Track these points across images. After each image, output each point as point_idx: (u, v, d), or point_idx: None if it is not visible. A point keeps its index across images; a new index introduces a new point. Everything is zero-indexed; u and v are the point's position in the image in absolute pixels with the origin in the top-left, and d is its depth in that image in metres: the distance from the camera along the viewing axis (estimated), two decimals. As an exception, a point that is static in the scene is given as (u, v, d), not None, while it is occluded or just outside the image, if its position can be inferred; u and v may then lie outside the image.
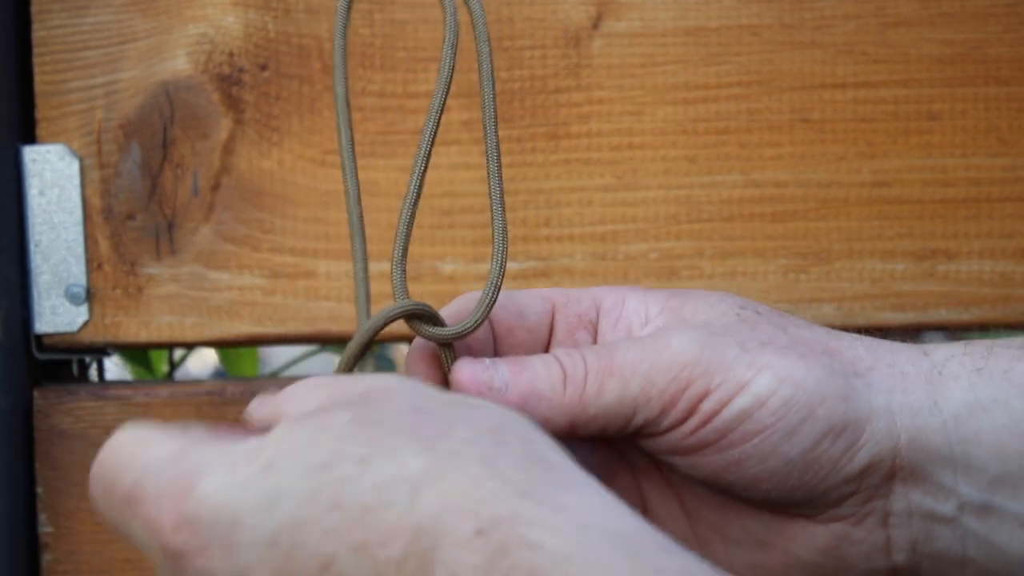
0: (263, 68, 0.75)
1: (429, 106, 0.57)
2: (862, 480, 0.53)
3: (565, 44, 0.75)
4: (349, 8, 0.57)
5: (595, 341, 0.57)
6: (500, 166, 0.57)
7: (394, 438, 0.43)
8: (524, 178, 0.75)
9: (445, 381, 0.55)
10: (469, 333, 0.54)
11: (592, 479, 0.43)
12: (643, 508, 0.56)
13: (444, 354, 0.55)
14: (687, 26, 0.74)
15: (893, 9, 0.74)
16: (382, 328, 0.53)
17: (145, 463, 0.46)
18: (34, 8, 0.75)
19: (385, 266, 0.76)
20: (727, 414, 0.52)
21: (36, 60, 0.75)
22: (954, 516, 0.53)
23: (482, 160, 0.75)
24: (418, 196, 0.56)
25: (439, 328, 0.54)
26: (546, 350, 0.57)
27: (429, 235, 0.75)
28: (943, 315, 0.76)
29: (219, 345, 0.79)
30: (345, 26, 0.57)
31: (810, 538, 0.54)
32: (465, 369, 0.53)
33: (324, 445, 0.44)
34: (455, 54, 0.56)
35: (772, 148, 0.75)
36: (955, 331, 0.91)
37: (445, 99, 0.56)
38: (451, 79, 0.56)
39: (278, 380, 0.79)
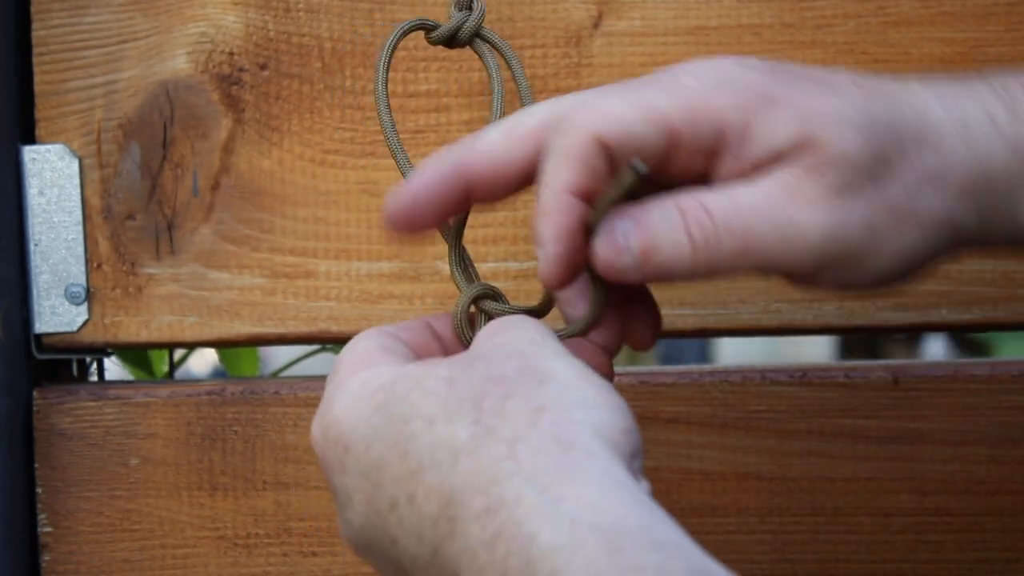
0: (263, 68, 0.75)
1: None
2: None
3: (566, 43, 0.75)
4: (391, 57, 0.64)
5: (715, 167, 0.55)
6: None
7: (461, 404, 0.50)
8: (524, 178, 0.75)
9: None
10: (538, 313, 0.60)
11: (607, 464, 0.48)
12: None
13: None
14: (688, 25, 0.74)
15: (894, 8, 0.74)
16: (467, 306, 0.60)
17: (336, 363, 0.56)
18: (34, 8, 0.75)
19: (384, 266, 0.76)
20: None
21: (36, 60, 0.75)
22: None
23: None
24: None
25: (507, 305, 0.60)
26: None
27: (429, 235, 0.75)
28: (944, 315, 0.75)
29: (219, 345, 0.79)
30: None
31: None
32: (602, 248, 0.55)
33: (411, 399, 0.51)
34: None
35: (773, 148, 0.75)
36: (956, 331, 0.90)
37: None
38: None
39: (278, 380, 0.79)
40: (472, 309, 0.60)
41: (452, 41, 0.64)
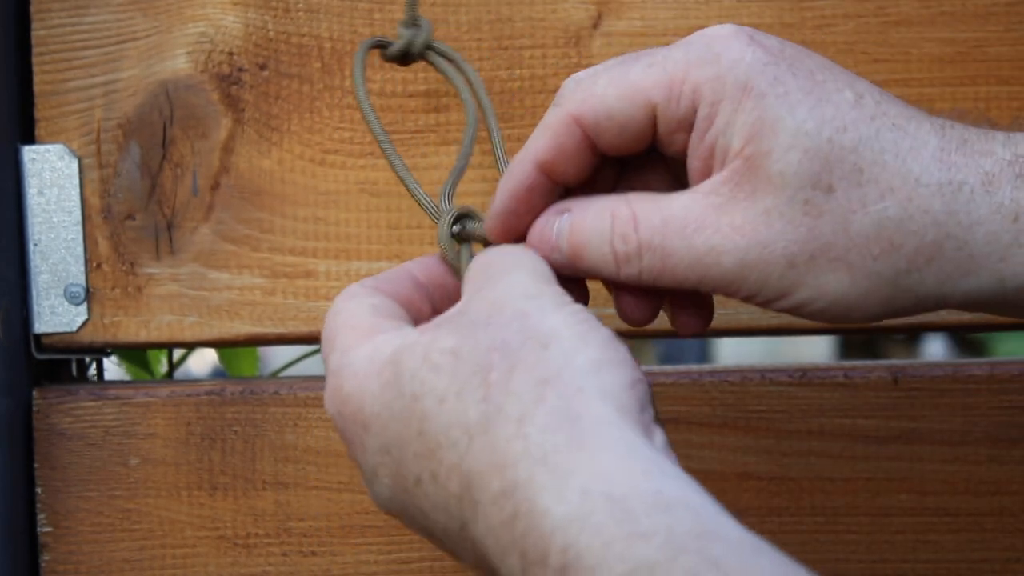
0: (263, 67, 0.75)
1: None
2: None
3: (565, 43, 0.75)
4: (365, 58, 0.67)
5: (688, 145, 0.57)
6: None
7: (469, 379, 0.50)
8: (524, 178, 0.75)
9: None
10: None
11: (616, 430, 0.48)
12: None
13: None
14: (687, 25, 0.74)
15: (894, 8, 0.74)
16: (449, 230, 0.62)
17: (330, 331, 0.56)
18: (33, 7, 0.75)
19: (384, 266, 0.76)
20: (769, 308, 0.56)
21: (35, 60, 0.75)
22: None
23: (481, 159, 0.75)
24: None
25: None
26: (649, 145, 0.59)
27: (429, 234, 0.75)
28: (943, 315, 0.75)
29: (219, 345, 0.79)
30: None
31: None
32: (536, 240, 0.58)
33: (420, 375, 0.51)
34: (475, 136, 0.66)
35: (772, 148, 0.75)
36: (956, 331, 0.90)
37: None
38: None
39: (278, 380, 0.79)
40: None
41: (405, 58, 0.68)
